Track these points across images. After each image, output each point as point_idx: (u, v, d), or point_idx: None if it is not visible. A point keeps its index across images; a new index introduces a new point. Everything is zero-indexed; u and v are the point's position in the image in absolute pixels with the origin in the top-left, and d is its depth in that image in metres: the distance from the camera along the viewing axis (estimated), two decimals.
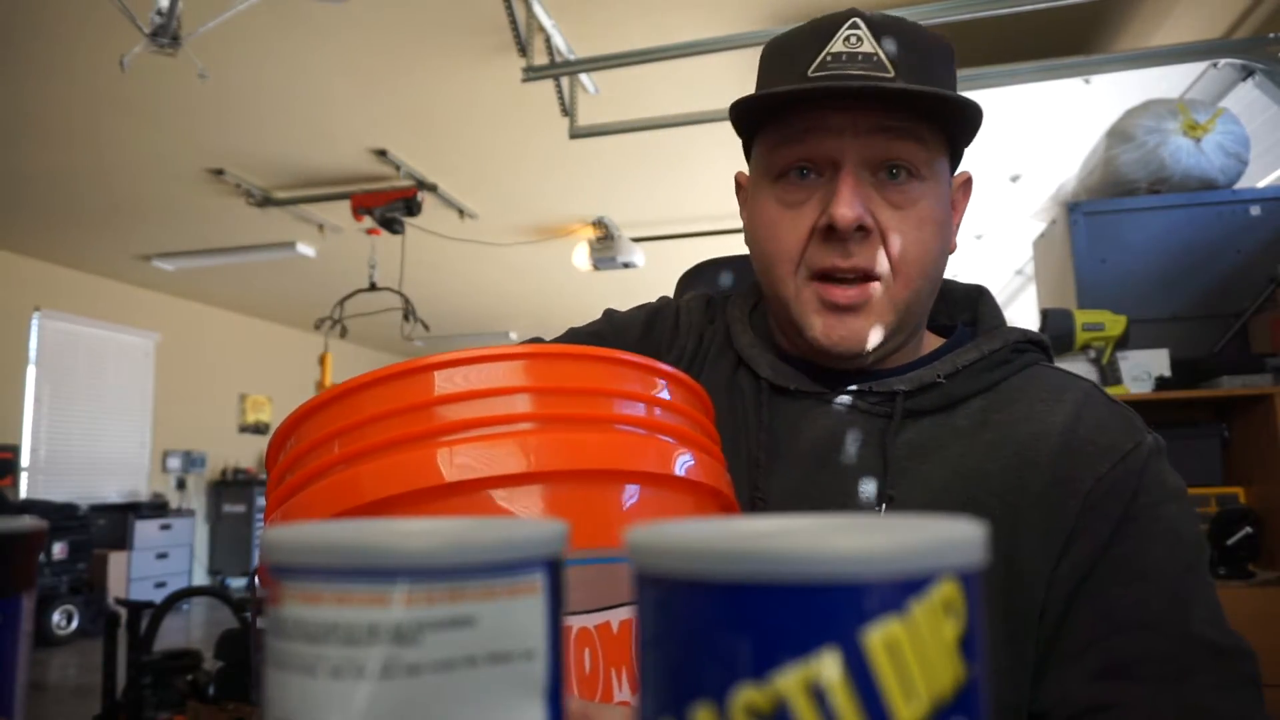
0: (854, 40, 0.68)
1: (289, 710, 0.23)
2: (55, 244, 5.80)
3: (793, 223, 0.70)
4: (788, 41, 0.73)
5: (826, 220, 0.67)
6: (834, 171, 0.68)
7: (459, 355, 0.49)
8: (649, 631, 0.21)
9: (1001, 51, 2.73)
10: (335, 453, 0.49)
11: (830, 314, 0.69)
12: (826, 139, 0.68)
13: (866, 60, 0.67)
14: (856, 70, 0.67)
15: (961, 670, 0.19)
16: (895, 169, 0.68)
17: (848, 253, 0.68)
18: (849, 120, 0.67)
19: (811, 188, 0.69)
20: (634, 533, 0.21)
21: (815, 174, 0.69)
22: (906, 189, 0.68)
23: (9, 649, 0.38)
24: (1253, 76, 2.40)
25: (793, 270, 0.71)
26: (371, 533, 0.24)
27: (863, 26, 0.68)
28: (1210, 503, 2.12)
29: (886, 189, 0.68)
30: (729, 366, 0.80)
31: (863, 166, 0.68)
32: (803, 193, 0.70)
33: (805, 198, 0.70)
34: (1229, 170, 2.23)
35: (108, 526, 6.28)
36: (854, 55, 0.67)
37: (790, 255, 0.70)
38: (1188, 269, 2.25)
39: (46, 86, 3.49)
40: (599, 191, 4.77)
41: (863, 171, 0.68)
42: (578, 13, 2.94)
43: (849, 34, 0.68)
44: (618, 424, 0.51)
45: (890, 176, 0.68)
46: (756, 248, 0.75)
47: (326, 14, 2.92)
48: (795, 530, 0.21)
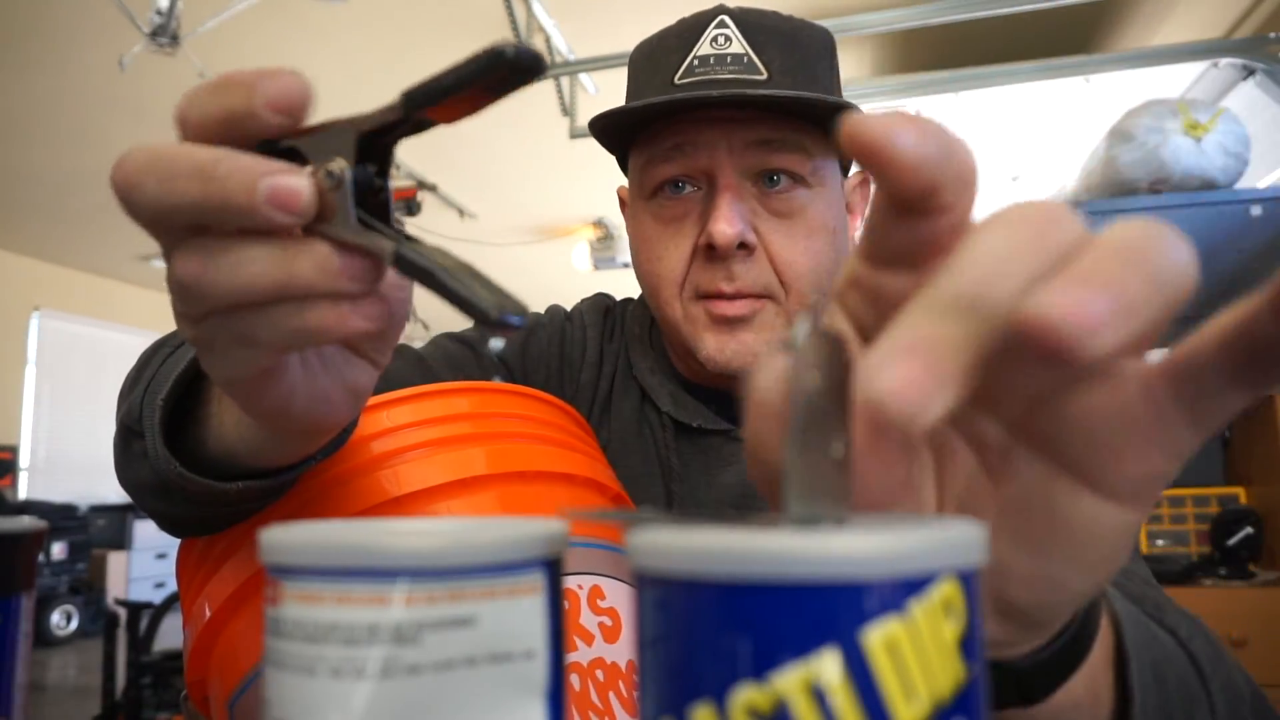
0: (722, 40, 0.63)
1: (289, 710, 0.23)
2: (55, 244, 5.80)
3: (674, 241, 0.65)
4: (654, 45, 0.67)
5: (706, 239, 0.62)
6: (711, 184, 0.63)
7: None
8: (649, 631, 0.21)
9: (1001, 51, 2.73)
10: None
11: (721, 330, 0.64)
12: (699, 153, 0.62)
13: (736, 62, 0.62)
14: (725, 74, 0.62)
15: (961, 670, 0.19)
16: (776, 176, 0.63)
17: (731, 275, 0.62)
18: (721, 133, 0.62)
19: (689, 202, 0.64)
20: (634, 533, 0.21)
21: (692, 186, 0.64)
22: (791, 197, 0.63)
23: (8, 649, 0.38)
24: (1253, 76, 2.40)
25: (678, 292, 0.66)
26: (371, 533, 0.24)
27: (731, 25, 0.63)
28: (1211, 503, 2.12)
29: (769, 198, 0.63)
30: (636, 398, 0.74)
31: (742, 177, 0.63)
32: (680, 207, 0.65)
33: (683, 213, 0.64)
34: (1229, 170, 2.23)
35: (107, 527, 6.28)
36: (722, 58, 0.62)
37: (674, 277, 0.65)
38: None
39: (46, 86, 3.49)
40: (599, 191, 4.77)
41: (743, 182, 0.63)
42: (577, 13, 2.94)
43: (716, 34, 0.63)
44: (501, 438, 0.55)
45: (771, 184, 0.63)
46: (640, 269, 0.69)
47: (326, 14, 2.92)
48: (795, 530, 0.21)
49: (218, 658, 0.49)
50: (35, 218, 5.24)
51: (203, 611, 0.49)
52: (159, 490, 0.45)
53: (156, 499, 0.46)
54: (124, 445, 0.48)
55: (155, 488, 0.45)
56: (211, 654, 0.49)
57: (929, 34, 2.64)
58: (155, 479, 0.44)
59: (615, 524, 0.51)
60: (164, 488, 0.44)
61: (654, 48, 0.67)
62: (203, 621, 0.49)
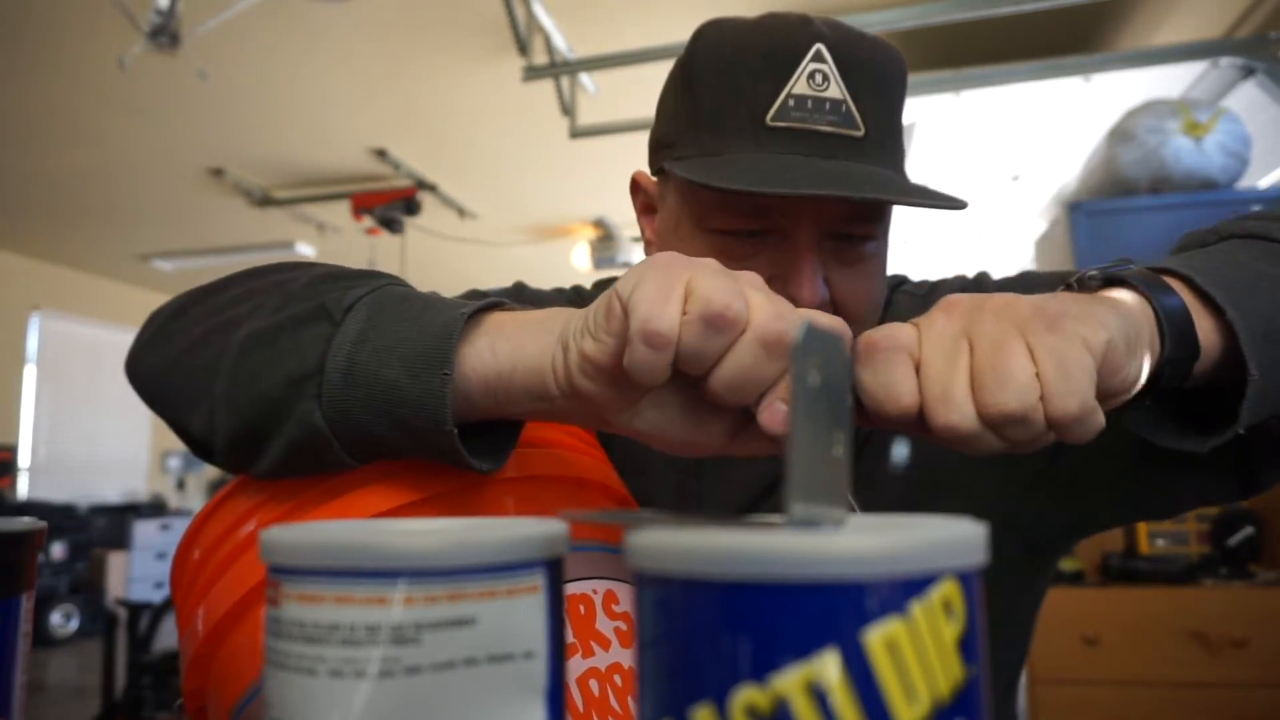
0: (819, 80, 0.58)
1: (289, 710, 0.23)
2: (55, 244, 5.80)
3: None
4: (731, 58, 0.61)
5: (783, 295, 0.60)
6: (786, 238, 0.60)
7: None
8: (649, 631, 0.21)
9: (1001, 51, 2.73)
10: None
11: None
12: (785, 219, 0.60)
13: (835, 111, 0.58)
14: (824, 125, 0.58)
15: (961, 670, 0.19)
16: (853, 237, 0.62)
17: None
18: (811, 207, 0.59)
19: (759, 245, 0.61)
20: (635, 534, 0.21)
21: (764, 234, 0.61)
22: (863, 250, 0.62)
23: (8, 649, 0.38)
24: (1254, 76, 2.40)
25: None
26: (371, 533, 0.24)
27: (828, 59, 0.58)
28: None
29: (843, 251, 0.62)
30: None
31: (822, 236, 0.61)
32: (746, 249, 0.61)
33: (751, 254, 0.61)
34: (1230, 170, 2.23)
35: (107, 527, 6.27)
36: (820, 103, 0.58)
37: None
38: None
39: (47, 86, 3.48)
40: (599, 191, 4.77)
41: (822, 240, 0.61)
42: (577, 13, 2.94)
43: (814, 69, 0.58)
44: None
45: (847, 241, 0.62)
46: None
47: (326, 14, 2.92)
48: (795, 530, 0.21)
49: (218, 667, 0.48)
50: (35, 218, 5.24)
51: (203, 620, 0.48)
52: (302, 379, 0.45)
53: (287, 387, 0.46)
54: (292, 328, 0.47)
55: (300, 375, 0.45)
56: (212, 663, 0.48)
57: (929, 34, 2.64)
58: (309, 367, 0.45)
59: (618, 525, 0.51)
60: (308, 377, 0.45)
61: (731, 62, 0.60)
62: (202, 630, 0.48)
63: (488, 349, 0.45)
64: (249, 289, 0.54)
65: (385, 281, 0.51)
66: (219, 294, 0.55)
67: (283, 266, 0.56)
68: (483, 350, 0.45)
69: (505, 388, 0.45)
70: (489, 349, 0.45)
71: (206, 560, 0.50)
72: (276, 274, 0.55)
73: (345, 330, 0.46)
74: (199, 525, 0.52)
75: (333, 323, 0.46)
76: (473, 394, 0.45)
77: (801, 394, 0.22)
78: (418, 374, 0.44)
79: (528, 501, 0.52)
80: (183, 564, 0.52)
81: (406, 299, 0.48)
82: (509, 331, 0.46)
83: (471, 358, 0.45)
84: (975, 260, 4.48)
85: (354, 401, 0.45)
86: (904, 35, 2.61)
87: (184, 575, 0.52)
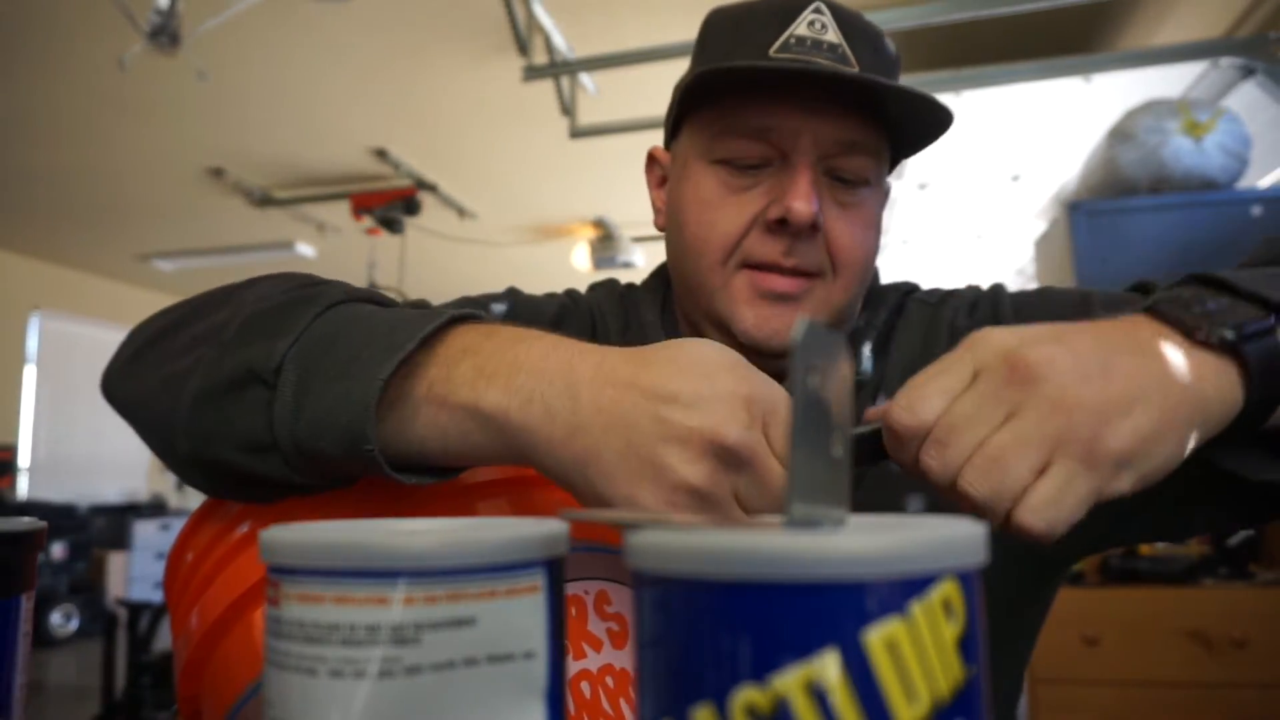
0: (819, 26, 0.64)
1: (289, 710, 0.23)
2: (55, 244, 5.80)
3: (735, 209, 0.65)
4: (742, 15, 0.67)
5: (780, 213, 0.63)
6: (786, 162, 0.65)
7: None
8: (649, 631, 0.21)
9: (1001, 51, 2.73)
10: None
11: (765, 304, 0.65)
12: (784, 138, 0.64)
13: (832, 51, 0.63)
14: (823, 59, 0.63)
15: (961, 670, 0.19)
16: (846, 174, 0.66)
17: (791, 250, 0.64)
18: (809, 123, 0.63)
19: (760, 175, 0.65)
20: (635, 534, 0.21)
21: (764, 163, 0.65)
22: (855, 192, 0.66)
23: (8, 649, 0.38)
24: (1254, 76, 2.40)
25: (723, 259, 0.66)
26: (371, 533, 0.24)
27: (827, 13, 0.65)
28: None
29: (836, 189, 0.66)
30: None
31: (818, 162, 0.65)
32: (749, 179, 0.66)
33: (752, 184, 0.65)
34: (1230, 170, 2.23)
35: (107, 527, 6.27)
36: (819, 43, 0.63)
37: (725, 243, 0.66)
38: (1188, 269, 2.22)
39: (46, 86, 3.48)
40: (599, 191, 4.77)
41: (818, 169, 0.65)
42: (577, 13, 2.94)
43: (813, 18, 0.64)
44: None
45: (840, 179, 0.66)
46: (685, 231, 0.68)
47: (327, 14, 2.92)
48: (795, 531, 0.21)
49: (213, 671, 0.48)
50: (35, 218, 5.23)
51: (195, 626, 0.48)
52: (259, 449, 0.46)
53: (247, 454, 0.47)
54: (231, 392, 0.47)
55: (256, 445, 0.46)
56: (206, 667, 0.48)
57: (929, 34, 2.64)
58: (262, 438, 0.46)
59: (616, 526, 0.51)
60: (264, 448, 0.46)
61: (742, 17, 0.67)
62: (195, 637, 0.48)
63: (411, 418, 0.45)
64: (192, 337, 0.53)
65: (317, 311, 0.49)
66: (175, 335, 0.54)
67: (230, 295, 0.55)
68: (410, 421, 0.45)
69: (455, 451, 0.46)
70: (413, 419, 0.45)
71: (200, 563, 0.50)
72: (215, 312, 0.53)
73: (281, 398, 0.46)
74: (192, 528, 0.52)
75: (267, 386, 0.46)
76: (426, 448, 0.46)
77: (801, 394, 0.22)
78: (348, 449, 0.44)
79: (520, 501, 0.51)
80: (176, 567, 0.52)
81: (335, 343, 0.47)
82: (433, 411, 0.45)
83: (409, 427, 0.45)
84: (974, 260, 4.48)
85: (313, 467, 0.46)
86: (904, 35, 2.61)
87: (177, 578, 0.52)
